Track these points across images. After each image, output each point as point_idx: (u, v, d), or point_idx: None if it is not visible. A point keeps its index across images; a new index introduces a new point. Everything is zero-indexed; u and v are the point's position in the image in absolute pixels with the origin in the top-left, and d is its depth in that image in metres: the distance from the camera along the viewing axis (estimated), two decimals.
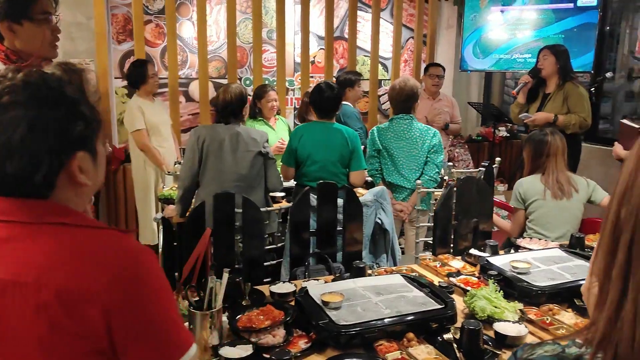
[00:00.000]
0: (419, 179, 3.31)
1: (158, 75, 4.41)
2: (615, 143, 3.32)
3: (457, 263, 2.34)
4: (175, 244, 2.23)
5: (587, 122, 3.72)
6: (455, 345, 1.63)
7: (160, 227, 3.49)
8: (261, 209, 2.38)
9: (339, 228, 2.47)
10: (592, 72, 4.81)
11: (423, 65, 5.03)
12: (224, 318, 1.67)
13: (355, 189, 3.22)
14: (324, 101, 3.17)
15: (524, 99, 3.98)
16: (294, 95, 5.77)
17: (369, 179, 3.57)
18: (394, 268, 2.36)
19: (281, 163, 3.33)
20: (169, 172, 3.83)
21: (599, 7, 4.69)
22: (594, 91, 4.36)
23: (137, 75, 4.00)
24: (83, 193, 0.97)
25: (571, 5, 4.81)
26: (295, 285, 2.01)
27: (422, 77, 4.80)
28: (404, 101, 3.31)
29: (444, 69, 4.69)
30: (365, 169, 3.31)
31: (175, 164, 3.75)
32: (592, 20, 4.74)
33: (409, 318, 1.69)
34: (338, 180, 3.10)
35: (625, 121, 3.38)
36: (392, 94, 3.37)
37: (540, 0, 5.10)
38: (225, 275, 1.59)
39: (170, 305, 0.92)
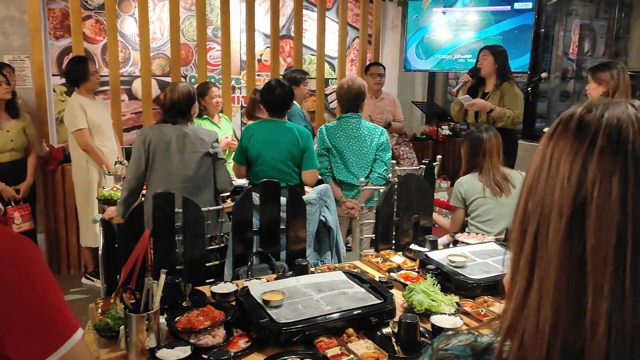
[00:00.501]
0: (368, 176, 3.37)
1: (99, 72, 4.28)
2: None
3: (398, 258, 2.39)
4: (116, 245, 2.18)
5: (519, 120, 3.88)
6: (393, 339, 1.67)
7: (101, 229, 3.41)
8: (204, 209, 2.35)
9: (282, 227, 2.47)
10: (529, 72, 5.01)
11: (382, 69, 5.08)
12: (162, 320, 1.64)
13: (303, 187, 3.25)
14: (274, 99, 3.14)
15: None
16: (240, 93, 5.72)
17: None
18: (336, 265, 2.38)
19: (232, 162, 3.30)
20: (109, 172, 3.72)
21: (534, 10, 4.88)
22: (530, 91, 4.55)
23: (77, 73, 3.85)
24: None
25: (508, 7, 4.99)
26: (237, 285, 2.00)
27: (364, 77, 4.86)
28: (352, 100, 3.35)
29: (384, 68, 4.78)
30: (318, 168, 3.31)
31: (116, 164, 3.65)
32: (529, 22, 4.93)
33: (349, 314, 1.72)
34: (289, 180, 3.10)
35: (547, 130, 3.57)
36: (340, 93, 3.40)
37: (480, 2, 5.26)
38: (162, 277, 1.57)
39: (49, 291, 0.90)
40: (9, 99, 3.79)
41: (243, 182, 3.42)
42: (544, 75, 4.59)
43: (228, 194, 3.34)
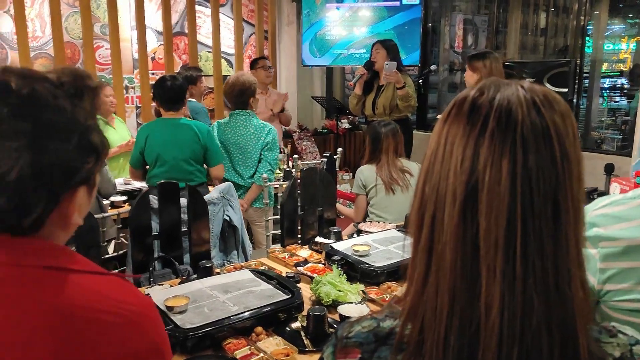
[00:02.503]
0: (252, 176, 3.32)
1: None
2: None
3: (304, 252, 2.40)
4: None
5: (414, 105, 4.10)
6: (302, 333, 1.67)
7: None
8: (97, 216, 2.22)
9: (184, 229, 2.39)
10: (419, 65, 5.24)
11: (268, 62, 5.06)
12: None
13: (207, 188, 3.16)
14: (167, 91, 3.01)
15: (360, 90, 4.23)
16: (134, 93, 5.47)
17: None
18: (243, 264, 2.34)
19: (130, 165, 3.13)
20: None
21: (422, 5, 5.11)
22: (421, 83, 4.76)
23: None
24: (70, 229, 0.77)
25: (397, 3, 5.18)
26: None
27: (252, 72, 4.74)
28: (237, 96, 3.28)
29: (269, 60, 4.76)
30: (223, 162, 3.22)
31: None
32: (417, 17, 5.16)
33: (257, 312, 1.69)
34: (191, 178, 3.01)
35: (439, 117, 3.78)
36: (226, 90, 3.34)
37: None
38: None
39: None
40: None
41: (139, 184, 3.26)
42: (433, 67, 4.83)
43: (125, 198, 3.18)
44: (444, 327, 0.60)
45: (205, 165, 3.15)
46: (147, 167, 3.10)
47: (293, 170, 3.76)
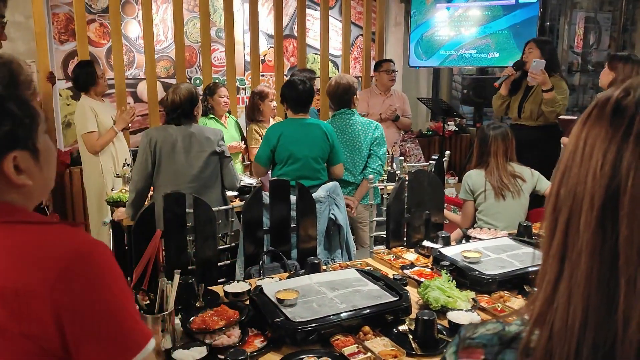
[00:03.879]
0: (362, 172, 3.34)
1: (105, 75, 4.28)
2: (563, 138, 3.44)
3: (410, 255, 2.37)
4: (126, 247, 2.17)
5: (562, 113, 3.74)
6: (410, 336, 1.65)
7: (110, 231, 3.40)
8: (215, 209, 2.34)
9: (292, 225, 2.46)
10: None
11: (372, 62, 5.08)
12: (177, 320, 1.63)
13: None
14: (300, 95, 3.11)
15: (506, 91, 3.95)
16: (245, 94, 5.72)
17: None
18: (348, 263, 2.37)
19: (254, 160, 3.27)
20: (117, 174, 3.71)
21: (539, 3, 4.86)
22: None
23: (86, 77, 3.83)
24: (28, 192, 0.93)
25: (513, 1, 4.96)
26: (249, 284, 1.98)
27: (375, 74, 4.81)
28: (340, 95, 3.33)
29: (394, 63, 4.74)
30: (343, 162, 3.28)
31: (124, 166, 3.64)
32: (533, 16, 4.90)
33: (364, 312, 1.70)
34: (320, 177, 3.11)
35: (563, 117, 3.53)
36: (330, 90, 3.40)
37: None
38: (177, 277, 1.55)
39: (125, 300, 0.88)
40: None
41: (250, 181, 3.39)
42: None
43: (236, 193, 3.33)
44: (575, 338, 0.57)
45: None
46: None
47: (398, 172, 3.73)
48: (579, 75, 5.47)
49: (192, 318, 1.67)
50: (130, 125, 4.16)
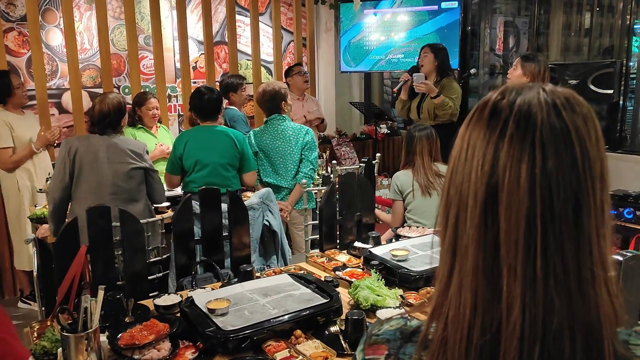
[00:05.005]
0: (294, 177, 3.37)
1: (25, 86, 4.09)
2: None
3: (343, 257, 2.42)
4: (53, 265, 2.08)
5: (456, 112, 4.00)
6: (341, 337, 1.69)
7: (34, 249, 3.24)
8: (143, 221, 2.29)
9: (225, 234, 2.44)
10: (459, 69, 5.18)
11: (305, 68, 5.12)
12: (103, 338, 1.59)
13: (243, 192, 3.23)
14: (204, 103, 3.13)
15: (405, 95, 4.17)
16: (177, 102, 5.62)
17: None
18: (282, 268, 2.38)
19: (165, 171, 3.23)
20: (40, 189, 3.55)
21: (460, 9, 5.06)
22: (461, 87, 4.70)
23: (1, 88, 3.65)
24: None
25: (436, 7, 5.15)
26: (181, 296, 1.96)
27: (288, 80, 4.79)
28: (269, 101, 3.38)
29: (305, 65, 4.80)
30: (256, 170, 3.30)
31: (47, 181, 3.49)
32: (456, 21, 5.11)
33: (296, 315, 1.72)
34: (229, 184, 3.09)
35: None
36: (258, 97, 3.45)
37: (408, 2, 5.40)
38: (101, 293, 1.51)
39: (10, 338, 0.86)
40: None
41: (179, 191, 3.35)
42: (472, 71, 4.76)
43: (168, 203, 3.27)
44: (467, 325, 0.61)
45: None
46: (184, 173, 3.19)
47: (332, 175, 3.79)
48: (501, 77, 5.72)
49: (120, 334, 1.63)
50: (55, 142, 4.00)
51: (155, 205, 3.05)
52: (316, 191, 3.47)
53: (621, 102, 4.30)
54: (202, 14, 5.09)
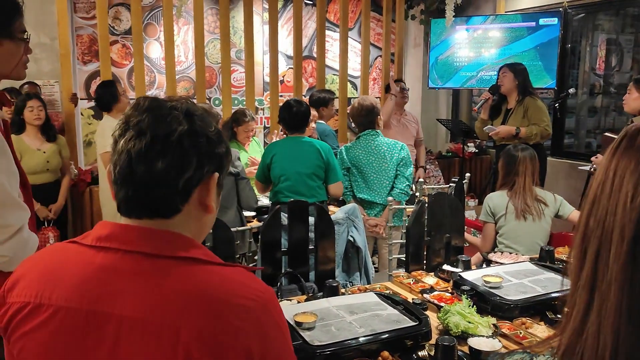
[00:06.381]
0: (390, 193, 3.33)
1: (127, 93, 4.35)
2: (598, 155, 3.45)
3: (430, 279, 2.34)
4: None
5: (548, 131, 3.85)
6: None
7: None
8: (233, 229, 2.34)
9: (310, 247, 2.44)
10: (556, 88, 4.94)
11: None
12: None
13: (327, 207, 3.23)
14: (293, 116, 3.18)
15: (486, 115, 4.12)
16: (263, 114, 5.76)
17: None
18: (367, 286, 2.33)
19: (255, 178, 3.31)
20: None
21: (560, 26, 4.84)
22: (557, 107, 4.49)
23: (108, 95, 3.89)
24: (204, 225, 0.94)
25: (533, 24, 4.95)
26: None
27: (387, 95, 4.82)
28: (365, 116, 3.37)
29: (405, 83, 4.77)
30: (341, 181, 3.31)
31: None
32: (554, 38, 4.88)
33: (384, 336, 1.67)
34: (314, 194, 3.11)
35: (608, 134, 3.55)
36: (353, 112, 3.44)
37: (503, 19, 5.23)
38: None
39: (291, 347, 0.90)
40: (45, 122, 3.86)
41: (265, 202, 3.41)
42: (571, 91, 4.53)
43: (254, 213, 3.33)
44: None
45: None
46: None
47: (417, 194, 3.70)
48: (601, 97, 5.40)
49: None
50: None
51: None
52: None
53: None
54: (292, 29, 5.20)
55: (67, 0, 4.42)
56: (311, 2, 5.61)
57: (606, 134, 3.70)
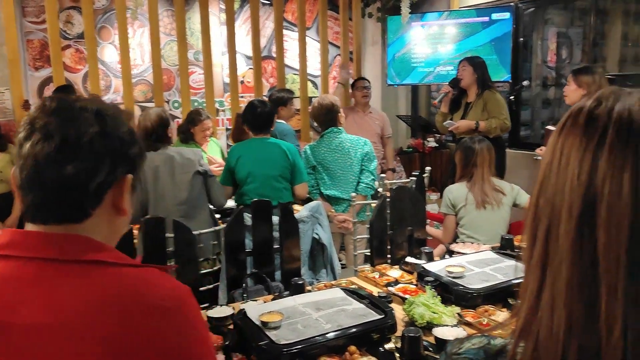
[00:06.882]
0: (356, 188, 3.36)
1: None
2: (542, 147, 3.53)
3: (394, 272, 2.36)
4: None
5: (507, 125, 3.92)
6: (397, 354, 1.64)
7: None
8: (196, 232, 2.31)
9: (275, 246, 2.43)
10: (510, 81, 5.06)
11: (350, 81, 5.12)
12: None
13: (292, 205, 3.22)
14: (257, 117, 3.16)
15: (446, 109, 4.17)
16: (224, 115, 5.71)
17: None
18: (333, 282, 2.34)
19: (219, 182, 3.27)
20: None
21: (512, 20, 4.96)
22: (513, 100, 4.59)
23: None
24: (117, 228, 0.91)
25: (487, 18, 5.06)
26: (233, 308, 1.95)
27: (351, 93, 4.91)
28: (325, 114, 3.40)
29: (368, 81, 4.82)
30: (307, 181, 3.31)
31: None
32: (508, 32, 5.00)
33: (350, 331, 1.68)
34: (281, 196, 3.10)
35: (549, 127, 3.63)
36: (314, 112, 3.47)
37: (458, 14, 5.33)
38: None
39: (211, 345, 0.88)
40: None
41: (232, 203, 3.38)
42: (525, 83, 4.65)
43: (219, 215, 3.30)
44: (561, 347, 0.57)
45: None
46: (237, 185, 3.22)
47: (380, 189, 3.74)
48: (553, 89, 5.56)
49: None
50: None
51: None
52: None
53: None
54: (250, 29, 5.17)
55: (15, 4, 4.28)
56: (268, 2, 5.58)
57: (548, 127, 3.80)
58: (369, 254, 2.75)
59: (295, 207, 3.40)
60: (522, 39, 5.34)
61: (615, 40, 4.91)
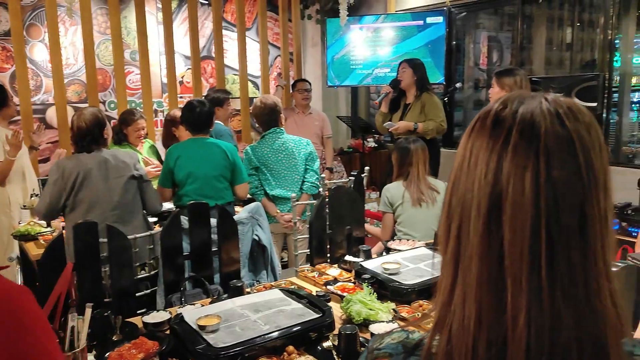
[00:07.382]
0: (301, 188, 3.38)
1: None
2: None
3: (334, 271, 2.40)
4: (37, 284, 2.03)
5: (443, 127, 4.05)
6: (334, 352, 1.67)
7: (18, 266, 3.18)
8: (131, 237, 2.25)
9: (214, 249, 2.41)
10: (444, 83, 5.23)
11: (292, 82, 5.15)
12: (91, 357, 1.55)
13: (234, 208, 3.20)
14: (196, 117, 3.12)
15: (386, 109, 4.25)
16: (163, 116, 5.58)
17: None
18: (273, 283, 2.35)
19: (158, 185, 3.19)
20: (24, 205, 3.49)
21: (446, 24, 5.13)
22: (446, 101, 4.75)
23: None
24: None
25: (421, 22, 5.21)
26: (170, 312, 1.92)
27: (292, 94, 4.94)
28: (268, 114, 3.39)
29: (309, 83, 4.86)
30: (248, 182, 3.30)
31: (31, 197, 3.43)
32: (441, 36, 5.17)
33: (288, 331, 1.69)
34: (222, 196, 3.09)
35: None
36: (256, 111, 3.44)
37: (394, 17, 5.45)
38: (88, 311, 1.48)
39: (49, 344, 0.85)
40: None
41: (170, 205, 3.32)
42: (457, 85, 4.82)
43: (155, 219, 3.23)
44: (471, 338, 0.60)
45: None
46: (176, 187, 3.16)
47: (320, 189, 3.78)
48: (484, 91, 5.79)
49: (108, 353, 1.60)
50: (39, 145, 3.96)
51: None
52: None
53: (604, 114, 4.37)
54: (188, 29, 5.09)
55: None
56: (207, 2, 5.51)
57: None
58: (309, 253, 2.78)
59: (237, 209, 3.38)
60: (455, 42, 5.53)
61: (540, 44, 5.17)
